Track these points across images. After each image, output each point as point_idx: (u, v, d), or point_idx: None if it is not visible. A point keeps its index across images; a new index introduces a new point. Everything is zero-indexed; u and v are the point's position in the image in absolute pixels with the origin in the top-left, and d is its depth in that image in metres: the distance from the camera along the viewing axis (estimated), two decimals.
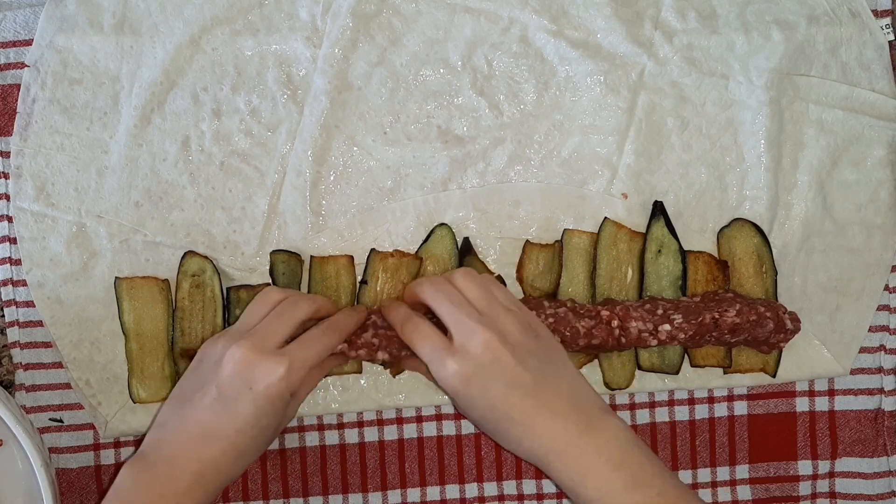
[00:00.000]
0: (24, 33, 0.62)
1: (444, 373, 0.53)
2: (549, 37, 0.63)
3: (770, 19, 0.63)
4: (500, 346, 0.52)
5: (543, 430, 0.52)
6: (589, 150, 0.63)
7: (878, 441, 0.65)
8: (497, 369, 0.52)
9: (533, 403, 0.52)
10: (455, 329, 0.54)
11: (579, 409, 0.53)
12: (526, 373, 0.53)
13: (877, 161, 0.64)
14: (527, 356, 0.53)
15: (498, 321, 0.54)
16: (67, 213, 0.62)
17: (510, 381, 0.52)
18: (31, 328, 0.62)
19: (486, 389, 0.52)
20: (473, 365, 0.52)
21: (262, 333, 0.54)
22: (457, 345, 0.53)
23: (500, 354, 0.52)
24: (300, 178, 0.62)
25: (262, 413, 0.53)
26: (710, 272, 0.63)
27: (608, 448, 0.52)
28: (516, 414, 0.53)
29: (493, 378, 0.52)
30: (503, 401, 0.53)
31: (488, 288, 0.56)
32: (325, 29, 0.62)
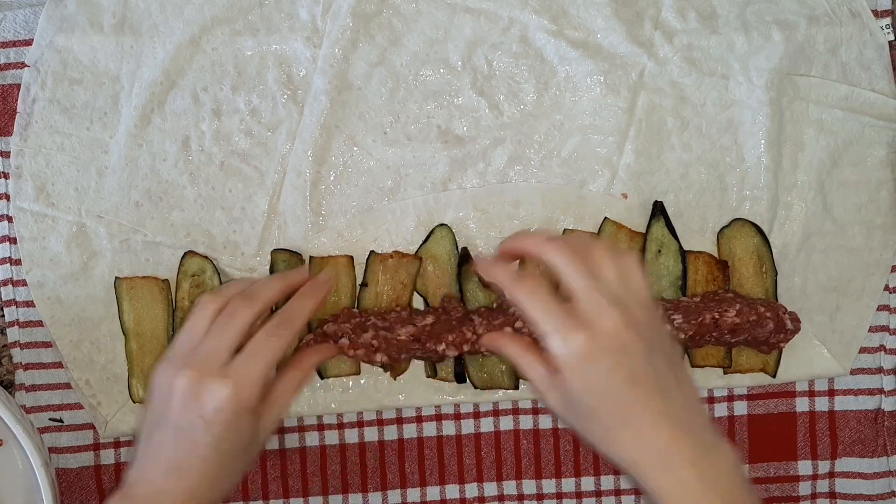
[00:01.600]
0: (24, 33, 0.62)
1: (568, 346, 0.47)
2: (549, 37, 0.63)
3: (770, 19, 0.63)
4: (634, 333, 0.47)
5: (661, 437, 0.47)
6: (589, 150, 0.63)
7: (878, 441, 0.65)
8: (624, 357, 0.47)
9: (653, 406, 0.47)
10: (585, 302, 0.48)
11: (699, 427, 0.48)
12: (651, 370, 0.48)
13: (877, 161, 0.64)
14: (654, 354, 0.48)
15: (631, 309, 0.49)
16: (67, 213, 0.62)
17: (635, 373, 0.47)
18: (31, 328, 0.62)
19: (608, 375, 0.47)
20: (603, 345, 0.47)
21: (203, 354, 0.52)
22: (585, 319, 0.48)
23: (633, 342, 0.47)
24: (300, 178, 0.62)
25: (220, 439, 0.51)
26: (710, 272, 0.63)
27: (724, 480, 0.47)
28: (632, 413, 0.47)
29: (618, 365, 0.47)
30: (624, 394, 0.47)
31: (626, 273, 0.50)
32: (325, 29, 0.62)
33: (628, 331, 0.48)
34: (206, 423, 0.50)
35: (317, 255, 0.62)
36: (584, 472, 0.65)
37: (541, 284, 0.50)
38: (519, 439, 0.65)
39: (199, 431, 0.50)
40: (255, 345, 0.52)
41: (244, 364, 0.52)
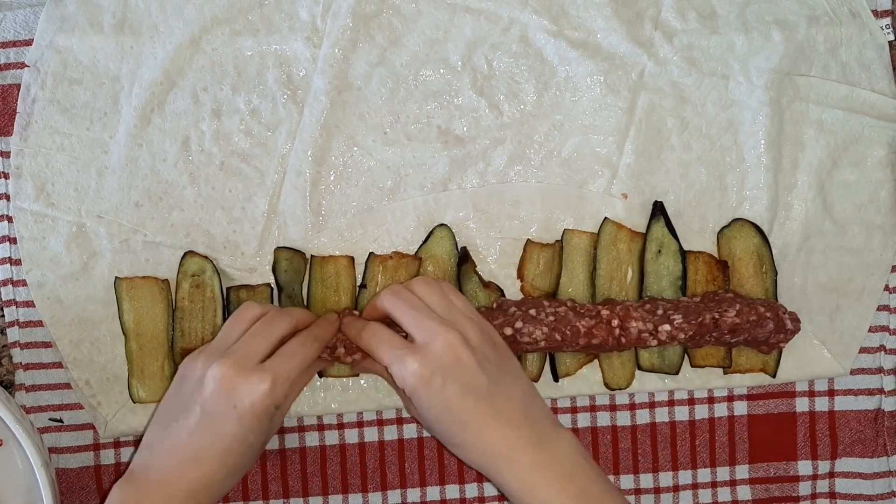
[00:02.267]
0: (24, 33, 0.62)
1: (405, 371, 0.53)
2: (549, 37, 0.63)
3: (770, 19, 0.63)
4: (462, 347, 0.53)
5: (496, 436, 0.53)
6: (589, 150, 0.63)
7: (878, 441, 0.65)
8: (457, 370, 0.53)
9: (488, 409, 0.53)
10: (417, 331, 0.54)
11: (532, 420, 0.54)
12: (483, 377, 0.53)
13: (877, 161, 0.64)
14: (485, 362, 0.54)
15: (459, 325, 0.54)
16: (67, 213, 0.62)
17: (468, 383, 0.53)
18: (31, 328, 0.62)
19: (444, 390, 0.52)
20: (434, 364, 0.52)
21: (243, 351, 0.54)
22: (418, 345, 0.53)
23: (462, 355, 0.53)
24: (300, 178, 0.62)
25: (249, 430, 0.53)
26: (710, 272, 0.63)
27: (560, 461, 0.53)
28: (470, 418, 0.53)
29: (453, 379, 0.52)
30: (459, 403, 0.53)
31: (447, 295, 0.57)
32: (325, 29, 0.62)
33: (459, 346, 0.53)
34: (239, 415, 0.52)
35: (317, 254, 0.62)
36: None
37: (379, 327, 0.56)
38: None
39: (230, 421, 0.52)
40: (290, 348, 0.56)
41: (282, 363, 0.54)
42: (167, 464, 0.53)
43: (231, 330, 0.57)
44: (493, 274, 0.63)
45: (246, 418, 0.53)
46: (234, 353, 0.54)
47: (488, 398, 0.53)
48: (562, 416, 0.64)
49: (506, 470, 0.53)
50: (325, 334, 0.58)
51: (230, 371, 0.53)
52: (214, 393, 0.53)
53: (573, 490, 0.52)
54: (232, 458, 0.53)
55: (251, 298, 0.61)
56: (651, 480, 0.65)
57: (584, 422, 0.65)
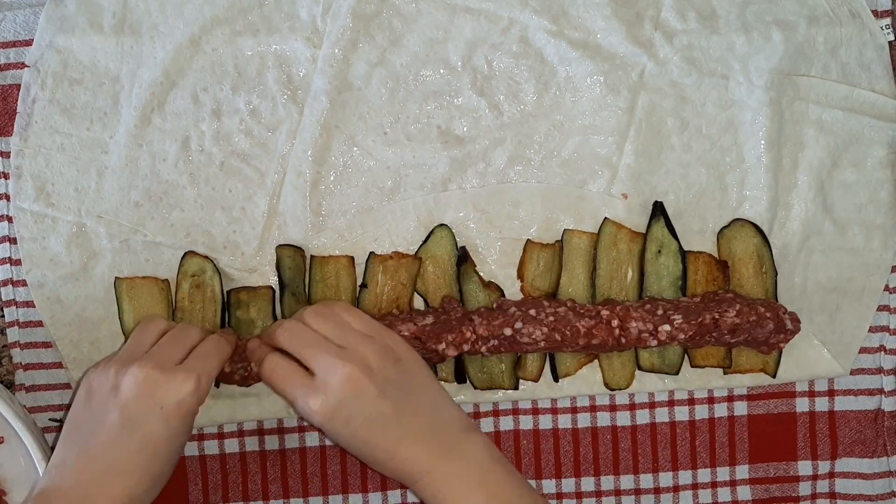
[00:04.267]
0: (24, 33, 0.62)
1: (307, 410, 0.53)
2: (549, 37, 0.63)
3: (770, 20, 0.63)
4: (362, 377, 0.52)
5: (405, 454, 0.53)
6: (589, 150, 0.63)
7: (878, 441, 0.65)
8: (359, 403, 0.53)
9: (395, 432, 0.53)
10: (316, 367, 0.53)
11: (440, 431, 0.54)
12: (387, 403, 0.53)
13: (877, 161, 0.64)
14: (387, 385, 0.53)
15: (357, 352, 0.54)
16: (67, 214, 0.62)
17: (371, 413, 0.53)
18: (31, 328, 0.62)
19: (348, 422, 0.53)
20: (335, 400, 0.52)
21: (161, 354, 0.54)
22: (318, 382, 0.53)
23: (362, 387, 0.52)
24: (300, 179, 0.62)
25: (174, 433, 0.52)
26: (710, 272, 0.63)
27: (469, 468, 0.53)
28: (379, 442, 0.53)
29: (356, 412, 0.53)
30: (365, 432, 0.53)
31: (341, 319, 0.56)
32: (325, 29, 0.62)
33: (358, 378, 0.53)
34: (165, 415, 0.51)
35: (317, 255, 0.62)
36: (584, 473, 0.65)
37: (279, 359, 0.55)
38: (519, 439, 0.65)
39: (155, 423, 0.51)
40: (207, 348, 0.56)
41: (202, 362, 0.54)
42: (83, 481, 0.50)
43: (140, 340, 0.56)
44: (493, 274, 0.63)
45: (172, 419, 0.52)
46: (152, 357, 0.53)
47: (395, 420, 0.53)
48: (562, 416, 0.64)
49: (420, 484, 0.53)
50: (232, 340, 0.58)
51: (153, 371, 0.52)
52: (136, 396, 0.51)
53: (484, 494, 0.52)
54: (157, 465, 0.52)
55: (252, 300, 0.61)
56: (651, 481, 0.65)
57: (584, 422, 0.65)
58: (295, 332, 0.55)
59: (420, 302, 0.63)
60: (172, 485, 0.63)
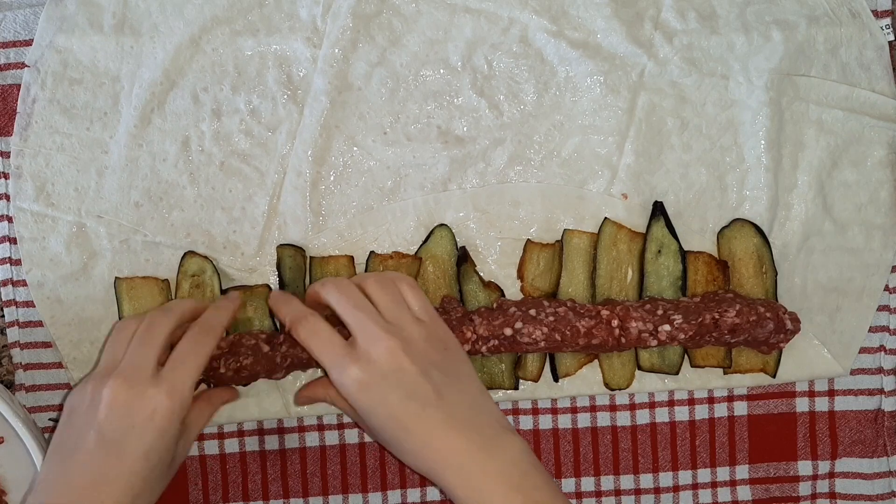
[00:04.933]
0: (24, 33, 0.62)
1: (345, 379, 0.51)
2: (549, 37, 0.63)
3: (770, 20, 0.63)
4: (403, 354, 0.51)
5: (442, 443, 0.51)
6: (589, 150, 0.63)
7: (878, 441, 0.65)
8: (398, 378, 0.51)
9: (432, 415, 0.51)
10: (359, 334, 0.52)
11: (481, 425, 0.52)
12: (427, 384, 0.51)
13: (877, 161, 0.64)
14: (430, 367, 0.52)
15: (404, 330, 0.53)
16: (67, 214, 0.62)
17: (410, 390, 0.51)
18: (31, 328, 0.62)
19: (385, 398, 0.51)
20: (375, 372, 0.51)
21: (130, 365, 0.51)
22: (360, 351, 0.52)
23: (403, 363, 0.51)
24: (300, 179, 0.62)
25: (151, 449, 0.50)
26: (710, 272, 0.63)
27: (508, 469, 0.51)
28: (414, 425, 0.51)
29: (394, 387, 0.51)
30: (402, 410, 0.51)
31: (398, 295, 0.55)
32: (325, 29, 0.62)
33: (401, 353, 0.51)
34: (140, 432, 0.50)
35: (317, 255, 0.62)
36: (584, 473, 0.65)
37: (319, 322, 0.53)
38: None
39: (129, 440, 0.50)
40: (181, 352, 0.53)
41: (174, 371, 0.52)
42: (68, 497, 0.49)
43: (113, 351, 0.53)
44: (493, 274, 0.63)
45: (147, 435, 0.50)
46: (122, 371, 0.51)
47: (434, 405, 0.51)
48: (562, 416, 0.64)
49: (452, 477, 0.51)
50: (219, 322, 0.55)
51: (120, 390, 0.50)
52: (109, 414, 0.50)
53: (519, 499, 0.50)
54: (137, 480, 0.50)
55: (249, 299, 0.61)
56: (651, 481, 0.65)
57: (584, 422, 0.65)
58: (348, 294, 0.54)
59: None
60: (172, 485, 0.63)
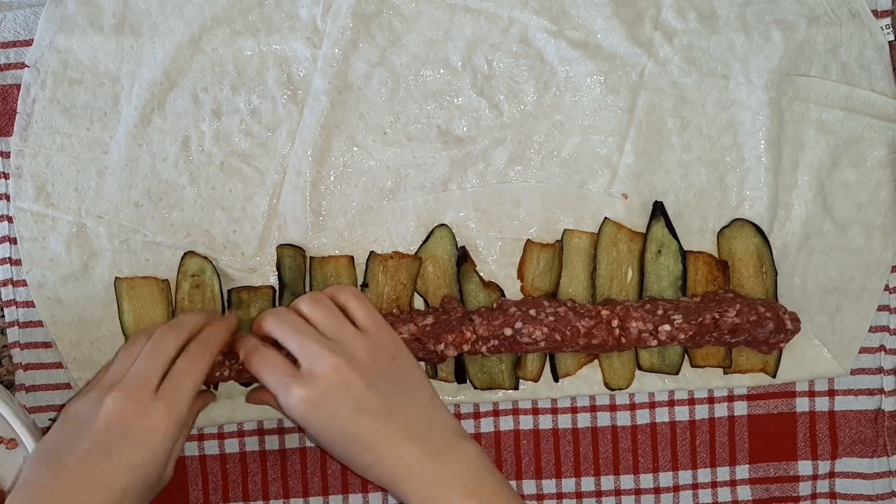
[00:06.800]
0: (24, 33, 0.62)
1: (290, 400, 0.51)
2: (549, 37, 0.63)
3: (770, 19, 0.63)
4: (349, 369, 0.51)
5: (394, 455, 0.51)
6: (589, 150, 0.63)
7: (878, 441, 0.65)
8: (345, 392, 0.51)
9: (383, 427, 0.51)
10: (301, 356, 0.52)
11: (433, 433, 0.52)
12: (376, 396, 0.51)
13: (877, 161, 0.64)
14: (377, 379, 0.52)
15: (346, 345, 0.53)
16: (67, 214, 0.62)
17: (358, 404, 0.51)
18: (31, 328, 0.62)
19: (334, 414, 0.51)
20: (320, 389, 0.51)
21: (135, 380, 0.52)
22: (303, 371, 0.52)
23: (349, 377, 0.51)
24: (300, 179, 0.62)
25: (146, 461, 0.50)
26: (710, 272, 0.63)
27: (461, 475, 0.51)
28: (365, 438, 0.51)
29: (342, 402, 0.51)
30: (351, 425, 0.51)
31: (334, 310, 0.54)
32: (325, 29, 0.62)
33: (344, 369, 0.51)
34: (134, 447, 0.50)
35: (317, 255, 0.62)
36: (584, 473, 0.65)
37: (268, 351, 0.54)
38: (519, 439, 0.65)
39: (122, 451, 0.50)
40: (179, 369, 0.53)
41: (174, 387, 0.52)
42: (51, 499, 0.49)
43: (121, 364, 0.54)
44: (493, 274, 0.63)
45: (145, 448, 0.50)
46: (126, 385, 0.52)
47: (384, 416, 0.51)
48: (562, 416, 0.64)
49: (407, 487, 0.51)
50: (217, 340, 0.56)
51: (122, 402, 0.51)
52: (106, 424, 0.50)
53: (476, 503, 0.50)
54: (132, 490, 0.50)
55: (253, 300, 0.61)
56: (651, 481, 0.65)
57: (584, 422, 0.65)
58: (283, 319, 0.54)
59: (420, 302, 0.63)
60: (173, 485, 0.63)
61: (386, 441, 0.51)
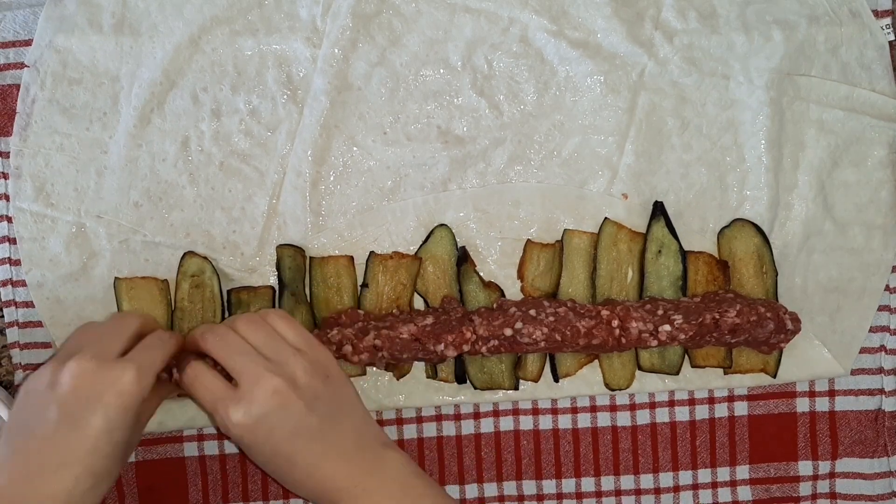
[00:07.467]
0: (23, 33, 0.62)
1: (228, 422, 0.51)
2: (550, 37, 0.63)
3: (770, 19, 0.63)
4: (289, 391, 0.51)
5: (329, 472, 0.52)
6: (589, 150, 0.63)
7: (878, 441, 0.65)
8: (284, 416, 0.51)
9: (319, 448, 0.52)
10: (241, 377, 0.52)
11: (364, 448, 0.53)
12: (313, 418, 0.52)
13: (877, 161, 0.64)
14: (315, 401, 0.52)
15: (286, 366, 0.52)
16: (67, 214, 0.62)
17: (296, 427, 0.51)
18: (31, 328, 0.62)
19: (270, 436, 0.51)
20: (258, 413, 0.51)
21: (98, 346, 0.51)
22: (242, 392, 0.51)
23: (288, 401, 0.51)
24: (300, 179, 0.62)
25: (115, 426, 0.49)
26: (710, 272, 0.63)
27: (390, 484, 0.53)
28: (301, 459, 0.52)
29: (279, 425, 0.51)
30: (288, 447, 0.52)
31: (273, 331, 0.54)
32: (324, 29, 0.62)
33: (284, 391, 0.51)
34: (104, 408, 0.49)
35: (317, 255, 0.62)
36: (584, 473, 0.65)
37: (200, 368, 0.53)
38: (519, 439, 0.64)
39: (93, 418, 0.49)
40: (149, 341, 0.54)
41: (143, 353, 0.52)
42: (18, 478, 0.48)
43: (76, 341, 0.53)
44: (493, 274, 0.63)
45: (112, 411, 0.49)
46: (88, 350, 0.51)
47: (319, 438, 0.52)
48: (562, 417, 0.64)
49: (339, 501, 0.52)
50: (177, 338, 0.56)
51: (91, 363, 0.50)
52: (74, 388, 0.49)
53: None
54: (98, 460, 0.49)
55: (253, 300, 0.61)
56: (651, 481, 0.65)
57: (584, 422, 0.65)
58: (224, 339, 0.53)
59: (420, 302, 0.63)
60: (173, 485, 0.63)
61: (320, 460, 0.52)
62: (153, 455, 0.63)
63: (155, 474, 0.63)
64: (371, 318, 0.60)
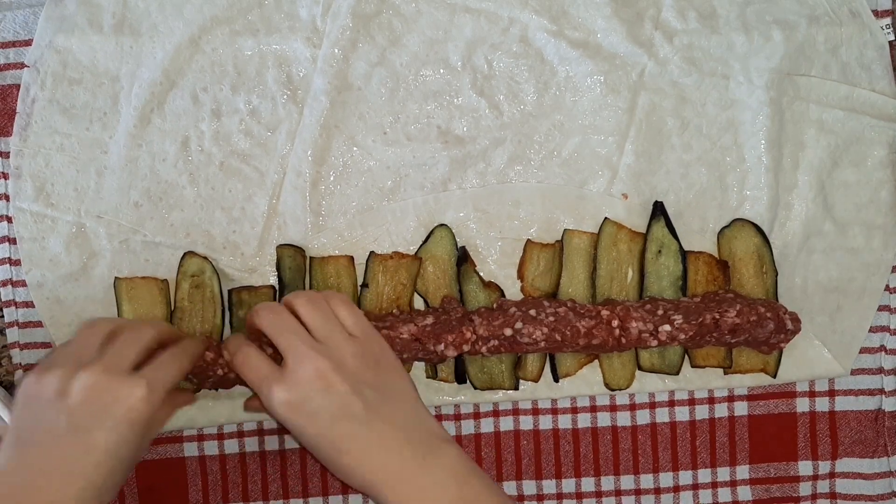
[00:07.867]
0: (23, 33, 0.62)
1: (272, 401, 0.51)
2: (549, 37, 0.63)
3: (770, 19, 0.63)
4: (333, 373, 0.51)
5: (376, 462, 0.51)
6: (589, 150, 0.63)
7: (878, 441, 0.65)
8: (327, 397, 0.50)
9: (365, 434, 0.51)
10: (289, 356, 0.52)
11: (415, 439, 0.52)
12: (359, 402, 0.51)
13: (877, 161, 0.64)
14: (361, 385, 0.51)
15: (335, 349, 0.52)
16: (67, 214, 0.62)
17: (341, 410, 0.51)
18: (31, 329, 0.62)
19: (313, 417, 0.51)
20: (302, 392, 0.50)
21: (111, 358, 0.51)
22: (286, 372, 0.51)
23: (332, 382, 0.50)
24: (300, 179, 0.62)
25: (122, 442, 0.49)
26: (710, 272, 0.63)
27: (444, 481, 0.50)
28: (346, 444, 0.51)
29: (323, 406, 0.50)
30: (332, 430, 0.51)
31: (331, 313, 0.54)
32: (324, 29, 0.62)
33: (329, 372, 0.51)
34: (114, 422, 0.49)
35: (317, 255, 0.62)
36: (584, 473, 0.65)
37: (251, 350, 0.53)
38: (519, 439, 0.65)
39: (102, 431, 0.49)
40: (164, 357, 0.53)
41: (156, 370, 0.52)
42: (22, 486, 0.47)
43: (85, 341, 0.52)
44: (493, 274, 0.63)
45: (122, 426, 0.49)
46: (103, 361, 0.50)
47: (366, 423, 0.51)
48: (562, 417, 0.64)
49: (391, 495, 0.50)
50: (195, 352, 0.56)
51: (103, 377, 0.49)
52: (84, 400, 0.49)
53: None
54: (101, 474, 0.49)
55: (253, 300, 0.61)
56: (651, 481, 0.65)
57: (584, 422, 0.65)
58: (277, 316, 0.53)
59: (420, 302, 0.63)
60: (173, 484, 0.63)
61: (367, 448, 0.51)
62: (153, 455, 0.63)
63: (155, 474, 0.64)
64: (371, 318, 0.60)
